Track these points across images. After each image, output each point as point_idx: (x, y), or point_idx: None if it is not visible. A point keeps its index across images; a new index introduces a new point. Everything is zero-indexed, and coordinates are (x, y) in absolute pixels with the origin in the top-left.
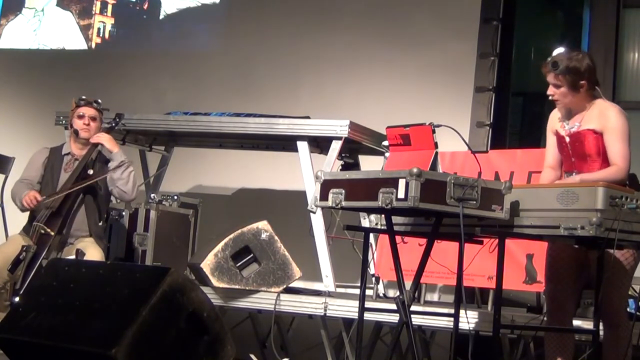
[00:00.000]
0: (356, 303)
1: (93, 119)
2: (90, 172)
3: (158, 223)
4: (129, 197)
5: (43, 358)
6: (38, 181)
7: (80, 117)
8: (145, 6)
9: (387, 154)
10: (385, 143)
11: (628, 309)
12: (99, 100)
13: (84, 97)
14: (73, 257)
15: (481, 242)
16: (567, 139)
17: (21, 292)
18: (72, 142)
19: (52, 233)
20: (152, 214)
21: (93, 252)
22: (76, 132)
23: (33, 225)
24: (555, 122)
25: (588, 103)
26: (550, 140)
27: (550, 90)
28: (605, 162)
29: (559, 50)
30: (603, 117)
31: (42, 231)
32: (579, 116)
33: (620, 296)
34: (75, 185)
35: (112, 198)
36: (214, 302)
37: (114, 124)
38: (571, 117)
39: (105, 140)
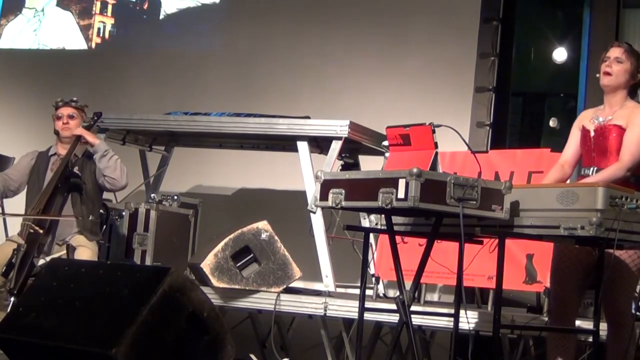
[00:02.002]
0: (356, 303)
1: (71, 117)
2: (76, 169)
3: (158, 223)
4: (120, 184)
5: (43, 358)
6: (18, 180)
7: (59, 118)
8: (145, 6)
9: (387, 154)
10: (385, 143)
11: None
12: (75, 99)
13: (60, 99)
14: (64, 252)
15: (481, 242)
16: (592, 133)
17: (15, 291)
18: (58, 144)
19: (41, 231)
20: (152, 214)
21: (82, 252)
22: (57, 133)
23: (22, 224)
24: (584, 118)
25: (624, 101)
26: (573, 137)
27: (609, 63)
28: None
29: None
30: (632, 115)
31: (31, 230)
32: (610, 111)
33: (625, 297)
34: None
35: (110, 195)
36: (214, 302)
37: (92, 122)
38: (603, 113)
39: (85, 132)
